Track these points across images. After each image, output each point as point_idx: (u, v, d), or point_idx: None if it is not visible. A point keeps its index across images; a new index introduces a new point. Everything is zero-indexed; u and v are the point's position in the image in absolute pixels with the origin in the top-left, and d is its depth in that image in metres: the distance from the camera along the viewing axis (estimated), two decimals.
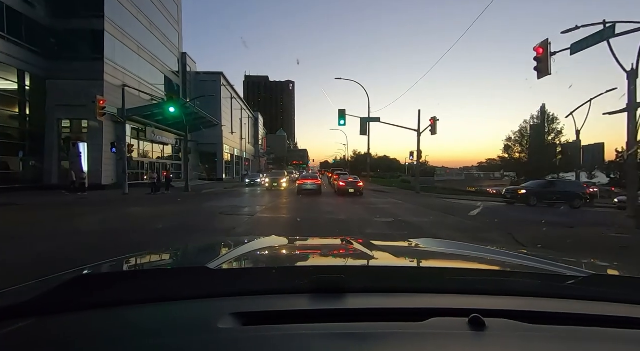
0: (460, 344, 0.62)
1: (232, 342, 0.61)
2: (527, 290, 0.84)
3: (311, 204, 13.89)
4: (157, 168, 26.68)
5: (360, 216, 10.35)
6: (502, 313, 0.70)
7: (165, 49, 32.27)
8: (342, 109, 20.51)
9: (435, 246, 1.57)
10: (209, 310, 0.72)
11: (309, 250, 1.57)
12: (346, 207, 13.19)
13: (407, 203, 15.04)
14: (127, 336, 0.66)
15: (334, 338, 0.63)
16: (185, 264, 1.34)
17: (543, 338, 0.64)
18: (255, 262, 1.29)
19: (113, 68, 22.90)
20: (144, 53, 27.54)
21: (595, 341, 0.65)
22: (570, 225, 9.09)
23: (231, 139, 46.00)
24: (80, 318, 0.72)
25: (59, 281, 0.83)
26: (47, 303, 0.75)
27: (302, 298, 0.76)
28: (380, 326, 0.66)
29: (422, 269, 1.12)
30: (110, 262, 1.21)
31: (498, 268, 1.16)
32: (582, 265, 1.14)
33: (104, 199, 14.99)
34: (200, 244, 2.30)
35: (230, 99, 46.43)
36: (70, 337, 0.66)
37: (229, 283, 0.88)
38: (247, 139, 58.78)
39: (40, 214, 10.53)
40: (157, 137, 27.45)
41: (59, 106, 21.15)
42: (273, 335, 0.63)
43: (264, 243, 1.59)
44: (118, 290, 0.81)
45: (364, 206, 13.68)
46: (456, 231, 7.82)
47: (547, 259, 1.18)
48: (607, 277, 1.05)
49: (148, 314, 0.74)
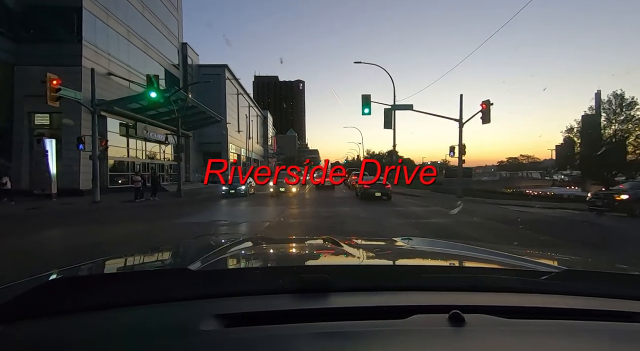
0: (442, 340, 0.63)
1: (215, 344, 0.61)
2: (505, 286, 0.86)
3: (333, 216, 10.02)
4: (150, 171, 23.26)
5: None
6: (481, 308, 0.71)
7: (162, 37, 28.92)
8: (366, 94, 16.63)
9: (418, 244, 1.59)
10: (191, 312, 0.71)
11: (292, 250, 1.55)
12: (383, 221, 9.26)
13: (463, 214, 10.98)
14: (104, 342, 0.63)
15: (318, 337, 0.63)
16: (165, 266, 1.28)
17: (520, 332, 0.66)
18: (239, 263, 1.27)
19: (94, 52, 19.54)
20: (135, 39, 24.19)
21: (570, 334, 0.67)
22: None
23: (237, 138, 42.52)
24: (52, 324, 0.68)
25: (28, 286, 0.80)
26: (16, 309, 0.71)
27: (286, 298, 0.75)
28: (363, 324, 0.66)
29: (403, 267, 1.12)
30: (85, 265, 1.14)
31: (477, 265, 1.15)
32: (557, 261, 1.17)
33: (48, 211, 11.37)
34: (182, 245, 2.00)
35: (237, 95, 42.99)
36: (40, 345, 0.63)
37: (212, 284, 0.85)
38: (255, 139, 55.32)
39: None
40: (151, 134, 24.01)
41: (29, 97, 17.82)
42: (257, 336, 0.63)
43: (247, 244, 1.54)
44: (93, 293, 0.78)
45: (408, 219, 9.76)
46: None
47: (524, 255, 1.22)
48: (580, 272, 1.05)
49: (127, 318, 0.70)
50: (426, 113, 17.69)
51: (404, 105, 17.01)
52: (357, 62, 22.04)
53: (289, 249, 1.58)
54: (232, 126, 39.13)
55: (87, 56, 18.75)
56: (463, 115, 17.39)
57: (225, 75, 37.55)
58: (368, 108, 16.83)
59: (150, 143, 25.44)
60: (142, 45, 25.13)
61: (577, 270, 1.09)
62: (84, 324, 0.68)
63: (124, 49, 22.77)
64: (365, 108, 16.75)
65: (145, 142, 25.01)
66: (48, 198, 14.78)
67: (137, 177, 15.05)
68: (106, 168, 20.14)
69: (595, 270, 1.17)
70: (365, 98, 16.73)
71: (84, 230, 7.89)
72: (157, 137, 24.78)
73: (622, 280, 0.96)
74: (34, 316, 0.69)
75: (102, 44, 20.38)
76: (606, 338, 0.67)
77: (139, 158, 24.35)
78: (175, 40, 31.96)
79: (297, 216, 10.54)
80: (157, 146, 26.51)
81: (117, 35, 22.01)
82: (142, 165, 24.44)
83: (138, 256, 1.46)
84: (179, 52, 32.71)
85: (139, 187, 14.88)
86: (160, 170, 27.67)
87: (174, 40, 31.49)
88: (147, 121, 23.49)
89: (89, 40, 19.00)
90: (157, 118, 24.33)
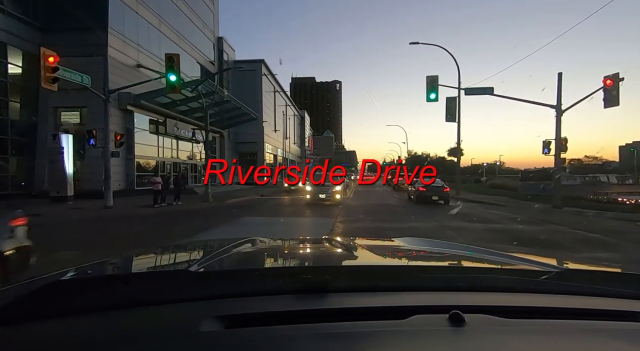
0: (442, 340, 0.62)
1: (215, 345, 0.60)
2: (505, 286, 0.86)
3: (397, 229, 6.66)
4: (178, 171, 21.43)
5: None
6: (481, 308, 0.71)
7: (197, 30, 27.31)
8: (432, 76, 13.10)
9: (417, 244, 1.55)
10: (191, 313, 0.70)
11: (292, 251, 1.53)
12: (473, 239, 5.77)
13: (609, 236, 7.18)
14: (105, 343, 0.62)
15: (318, 338, 0.62)
16: (166, 267, 1.25)
17: (520, 331, 0.66)
18: (239, 264, 1.27)
19: (122, 42, 17.94)
20: (168, 30, 22.58)
21: (570, 334, 0.67)
22: None
23: (274, 138, 40.39)
24: (52, 326, 0.68)
25: (28, 288, 0.79)
26: (17, 311, 0.71)
27: (286, 299, 0.75)
28: (363, 325, 0.66)
29: (403, 267, 1.12)
30: (86, 266, 1.11)
31: (476, 265, 1.14)
32: (556, 261, 1.15)
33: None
34: (182, 246, 1.96)
35: (273, 93, 40.96)
36: (40, 347, 0.62)
37: (212, 285, 0.85)
38: (292, 139, 53.14)
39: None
40: (182, 131, 22.25)
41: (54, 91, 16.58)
42: (257, 336, 0.62)
43: (247, 245, 1.47)
44: (93, 295, 0.78)
45: (506, 235, 6.22)
46: None
47: (523, 255, 1.20)
48: (580, 272, 1.06)
49: (127, 319, 0.70)
50: (511, 98, 13.76)
51: (481, 89, 13.27)
52: (413, 43, 18.54)
53: (289, 250, 1.56)
54: (268, 125, 37.03)
55: (113, 45, 17.14)
56: (559, 101, 13.22)
57: (262, 71, 35.50)
58: (435, 93, 13.28)
59: (182, 141, 23.75)
60: (175, 37, 23.52)
61: (577, 269, 1.09)
62: (84, 326, 0.68)
63: (155, 40, 21.15)
64: (431, 93, 13.22)
65: (178, 141, 23.32)
66: (63, 201, 13.02)
67: (157, 178, 12.84)
68: (133, 168, 18.50)
69: (594, 269, 1.14)
70: (432, 81, 13.19)
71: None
72: (189, 135, 22.96)
73: (622, 279, 0.95)
74: (35, 318, 0.69)
75: (131, 34, 18.79)
76: (606, 337, 0.66)
77: (170, 158, 22.68)
78: (211, 34, 30.36)
79: (350, 232, 7.43)
80: (189, 145, 24.76)
81: (147, 24, 20.42)
82: (173, 165, 22.78)
83: (138, 257, 1.41)
84: (214, 47, 31.10)
85: (159, 190, 12.62)
86: (193, 170, 25.99)
87: (209, 34, 29.89)
88: (178, 117, 21.74)
89: (115, 28, 17.40)
90: (188, 114, 22.54)
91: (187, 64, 24.98)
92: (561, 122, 13.26)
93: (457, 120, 18.17)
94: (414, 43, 18.63)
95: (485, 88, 13.35)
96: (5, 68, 15.54)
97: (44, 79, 8.64)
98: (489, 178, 41.78)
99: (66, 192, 13.23)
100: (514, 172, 57.57)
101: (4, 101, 15.67)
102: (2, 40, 15.18)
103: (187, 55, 25.43)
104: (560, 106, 13.28)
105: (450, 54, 18.30)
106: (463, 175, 48.21)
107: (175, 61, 11.09)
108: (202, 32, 28.31)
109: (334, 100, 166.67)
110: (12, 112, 16.13)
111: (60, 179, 13.22)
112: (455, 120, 18.26)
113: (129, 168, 18.33)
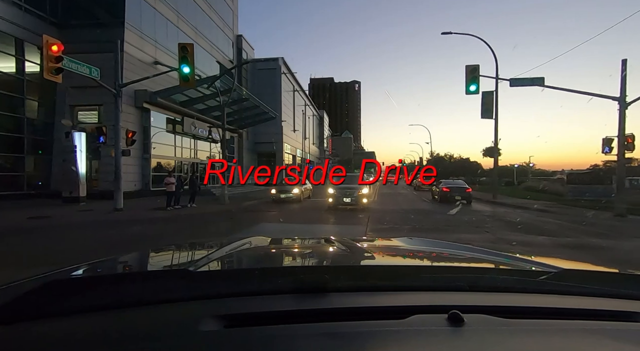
0: (441, 340, 0.62)
1: (215, 344, 0.60)
2: (503, 286, 0.86)
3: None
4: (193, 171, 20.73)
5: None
6: (480, 308, 0.71)
7: (216, 27, 26.71)
8: (472, 65, 11.58)
9: (417, 244, 1.55)
10: (191, 313, 0.70)
11: (292, 251, 1.52)
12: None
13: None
14: (104, 343, 0.62)
15: (318, 338, 0.62)
16: (166, 267, 1.23)
17: (519, 331, 0.66)
18: (238, 263, 1.26)
19: (138, 38, 17.40)
20: (186, 26, 22.02)
21: (568, 334, 0.67)
22: None
23: (293, 138, 39.48)
24: (51, 325, 0.67)
25: (27, 287, 0.78)
26: (16, 310, 0.70)
27: (286, 298, 0.75)
28: (363, 325, 0.66)
29: (402, 267, 1.11)
30: (85, 266, 1.09)
31: (475, 265, 1.14)
32: (555, 261, 1.13)
33: (16, 224, 8.39)
34: (182, 246, 1.91)
35: (293, 92, 40.07)
36: (39, 346, 0.62)
37: (211, 285, 0.84)
38: (311, 139, 52.14)
39: None
40: (199, 130, 21.56)
41: (71, 88, 16.19)
42: (257, 336, 0.62)
43: (246, 244, 1.44)
44: (93, 294, 0.77)
45: None
46: None
47: (521, 255, 1.20)
48: (578, 272, 1.04)
49: (126, 319, 0.69)
50: (565, 89, 12.01)
51: (530, 79, 11.62)
52: (445, 33, 17.03)
53: (288, 250, 1.54)
54: (287, 125, 36.15)
55: (129, 41, 16.59)
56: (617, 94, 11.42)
57: (281, 69, 34.66)
58: (475, 84, 11.75)
59: (200, 141, 23.12)
60: (193, 34, 22.94)
61: (575, 270, 1.07)
62: (83, 325, 0.67)
63: (173, 37, 20.56)
64: (471, 85, 11.70)
65: (196, 141, 22.71)
66: (75, 202, 12.42)
67: (170, 179, 11.97)
68: (149, 168, 17.92)
69: (593, 270, 1.13)
70: (472, 71, 11.67)
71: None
72: (205, 134, 22.29)
73: (620, 279, 0.95)
74: (34, 317, 0.68)
75: (148, 30, 18.26)
76: (604, 337, 0.66)
77: (188, 158, 22.07)
78: (230, 32, 29.75)
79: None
80: (207, 144, 24.12)
81: (165, 20, 19.88)
82: (191, 165, 22.17)
83: (138, 257, 1.39)
84: (233, 45, 30.46)
85: (173, 191, 11.76)
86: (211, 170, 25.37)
87: (228, 32, 29.27)
88: (196, 116, 21.06)
89: (132, 23, 16.86)
90: (206, 113, 21.89)
91: (205, 62, 24.41)
92: (625, 116, 11.46)
93: (494, 116, 16.52)
94: (446, 33, 17.10)
95: (534, 78, 11.68)
96: (23, 65, 15.24)
97: (46, 69, 7.89)
98: (523, 180, 39.16)
99: (78, 192, 12.63)
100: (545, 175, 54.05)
101: (21, 99, 15.36)
102: (19, 37, 14.88)
103: (205, 53, 24.87)
104: (624, 98, 11.48)
105: (486, 43, 16.66)
106: (489, 177, 45.43)
107: (189, 51, 10.22)
108: (220, 29, 27.72)
109: (353, 100, 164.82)
110: (29, 110, 15.83)
111: (73, 179, 12.64)
112: (492, 117, 16.59)
113: (145, 168, 17.75)
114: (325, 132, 67.71)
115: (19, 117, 15.34)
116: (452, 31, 17.00)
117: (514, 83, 11.95)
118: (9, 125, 15.01)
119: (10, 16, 14.39)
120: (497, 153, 17.37)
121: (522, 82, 11.79)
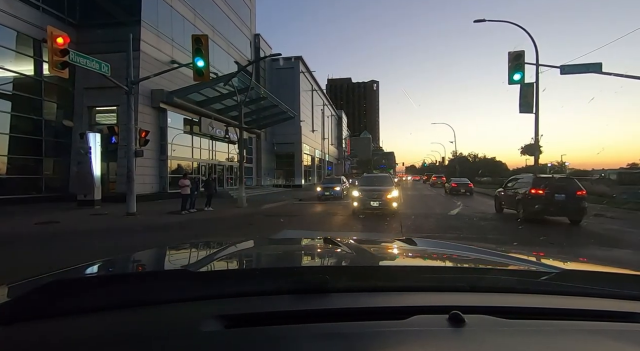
0: (442, 341, 0.62)
1: (215, 345, 0.60)
2: (504, 286, 0.85)
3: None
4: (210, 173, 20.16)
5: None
6: (481, 309, 0.71)
7: (233, 26, 26.20)
8: (517, 51, 10.22)
9: (417, 245, 1.50)
10: (191, 313, 0.70)
11: (292, 251, 1.51)
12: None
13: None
14: (104, 343, 0.62)
15: (318, 338, 0.62)
16: (165, 267, 1.23)
17: (520, 332, 0.66)
18: (238, 264, 1.24)
19: (155, 37, 16.98)
20: (203, 25, 21.55)
21: (569, 334, 0.67)
22: None
23: (311, 138, 38.61)
24: (52, 326, 0.67)
25: (28, 287, 0.78)
26: (15, 310, 0.70)
27: (286, 299, 0.75)
28: (363, 325, 0.66)
29: (403, 268, 1.11)
30: (85, 266, 1.08)
31: (476, 266, 1.13)
32: (556, 261, 1.13)
33: (24, 231, 7.76)
34: (182, 246, 1.90)
35: (311, 92, 39.23)
36: (39, 347, 0.62)
37: (211, 285, 0.83)
38: (329, 139, 51.12)
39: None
40: (217, 131, 20.99)
41: (88, 89, 15.95)
42: (257, 337, 0.62)
43: (246, 245, 1.49)
44: (93, 295, 0.77)
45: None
46: None
47: (522, 256, 1.19)
48: (579, 273, 1.04)
49: (127, 319, 0.69)
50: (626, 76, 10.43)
51: (585, 65, 10.13)
52: (478, 21, 15.63)
53: (289, 250, 1.52)
54: (306, 125, 35.31)
55: (146, 40, 16.18)
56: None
57: (299, 69, 33.89)
58: (520, 73, 10.36)
59: (219, 142, 22.58)
60: (210, 32, 22.40)
61: (576, 270, 1.06)
62: (84, 325, 0.67)
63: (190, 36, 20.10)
64: (515, 74, 10.32)
65: (214, 141, 22.19)
66: (89, 206, 11.96)
67: (185, 181, 11.28)
68: (166, 169, 17.45)
69: (594, 270, 1.11)
70: (516, 58, 10.28)
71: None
72: (222, 134, 21.73)
73: (621, 280, 0.94)
74: (34, 317, 0.68)
75: (166, 28, 17.83)
76: (605, 338, 0.66)
77: (206, 159, 21.56)
78: (248, 31, 29.22)
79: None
80: (225, 145, 23.56)
81: (182, 19, 19.44)
82: (209, 167, 21.66)
83: (138, 257, 1.36)
84: (251, 44, 29.92)
85: (188, 194, 11.05)
86: (230, 172, 24.82)
87: (246, 31, 28.75)
88: (213, 116, 20.51)
89: (148, 21, 16.44)
90: (223, 113, 21.31)
91: (222, 61, 23.89)
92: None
93: (534, 110, 14.91)
94: (479, 20, 15.68)
95: (590, 64, 10.20)
96: (41, 67, 15.03)
97: (51, 63, 7.28)
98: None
99: (93, 195, 12.16)
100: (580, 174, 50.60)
101: (39, 100, 15.17)
102: (37, 38, 14.67)
103: (222, 52, 24.37)
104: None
105: (525, 30, 15.07)
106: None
107: (204, 43, 9.49)
108: (238, 28, 27.21)
109: (371, 100, 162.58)
110: (47, 112, 15.64)
111: (88, 182, 12.19)
112: (532, 111, 14.97)
113: (162, 170, 17.28)
114: (344, 132, 66.51)
115: (37, 119, 15.16)
116: (485, 18, 15.60)
117: (566, 70, 10.48)
118: (28, 128, 14.84)
119: (28, 17, 14.22)
120: (537, 151, 15.73)
121: (576, 68, 10.32)
